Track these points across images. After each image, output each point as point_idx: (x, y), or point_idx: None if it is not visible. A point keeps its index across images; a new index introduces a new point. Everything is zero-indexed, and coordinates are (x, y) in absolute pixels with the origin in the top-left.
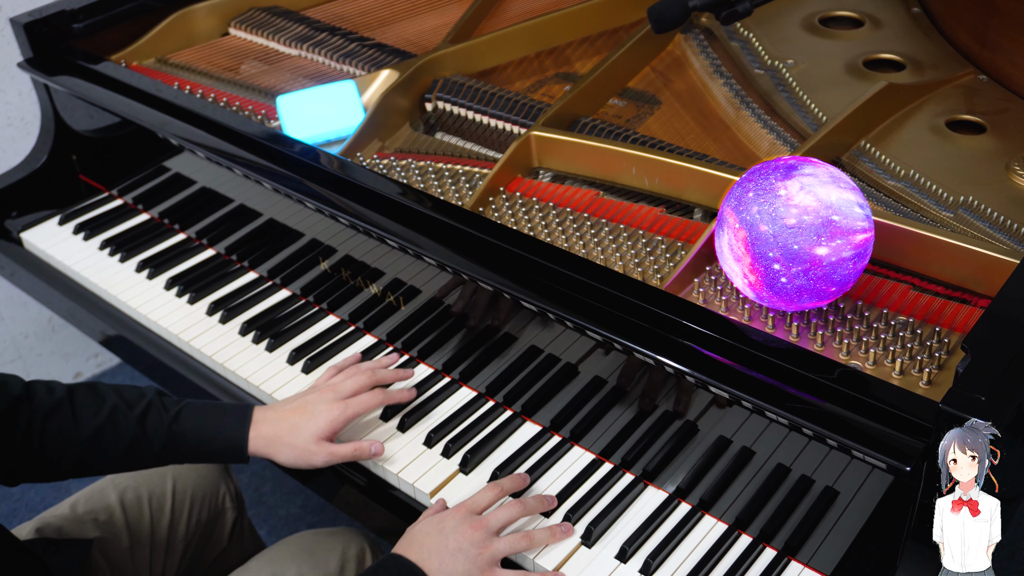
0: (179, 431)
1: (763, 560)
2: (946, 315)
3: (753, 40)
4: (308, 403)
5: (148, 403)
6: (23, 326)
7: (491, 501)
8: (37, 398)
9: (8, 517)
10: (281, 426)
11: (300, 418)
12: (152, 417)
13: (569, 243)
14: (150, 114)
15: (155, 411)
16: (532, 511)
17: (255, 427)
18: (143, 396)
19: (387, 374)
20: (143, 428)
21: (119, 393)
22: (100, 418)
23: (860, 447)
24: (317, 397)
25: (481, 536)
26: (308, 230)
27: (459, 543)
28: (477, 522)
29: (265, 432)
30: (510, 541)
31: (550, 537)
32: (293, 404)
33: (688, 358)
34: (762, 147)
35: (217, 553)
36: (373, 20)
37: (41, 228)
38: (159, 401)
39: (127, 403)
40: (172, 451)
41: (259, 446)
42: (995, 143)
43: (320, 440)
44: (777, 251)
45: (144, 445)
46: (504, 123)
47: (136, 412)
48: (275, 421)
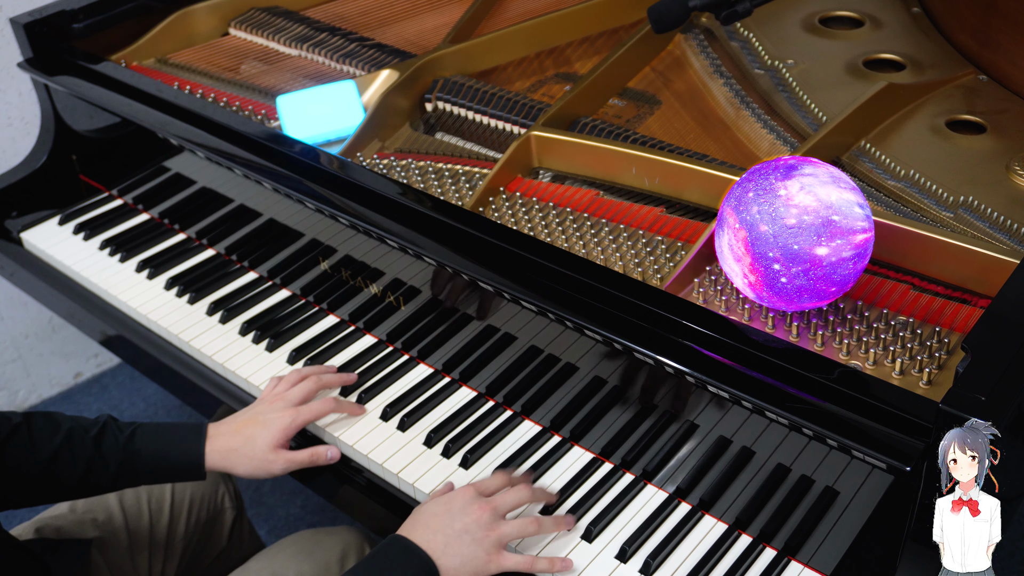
0: (134, 449)
1: (763, 560)
2: (946, 315)
3: (753, 40)
4: (259, 414)
5: (103, 425)
6: (23, 326)
7: (499, 486)
8: None
9: (8, 517)
10: (236, 439)
11: (253, 429)
12: (108, 438)
13: (569, 243)
14: (150, 114)
15: (110, 432)
16: (540, 499)
17: (210, 442)
18: (97, 421)
19: (331, 378)
20: (99, 450)
21: (74, 419)
22: (56, 441)
23: (860, 447)
24: (267, 407)
25: (489, 517)
26: (308, 230)
27: (466, 524)
28: (485, 503)
29: (219, 446)
30: (518, 525)
31: (557, 526)
32: (245, 416)
33: (688, 358)
34: (762, 147)
35: (216, 553)
36: (373, 20)
37: (41, 228)
38: (113, 424)
39: (82, 427)
40: (128, 471)
41: (215, 460)
42: (995, 143)
43: (276, 448)
44: (777, 251)
45: (100, 466)
46: (504, 123)
47: (91, 434)
48: (229, 434)
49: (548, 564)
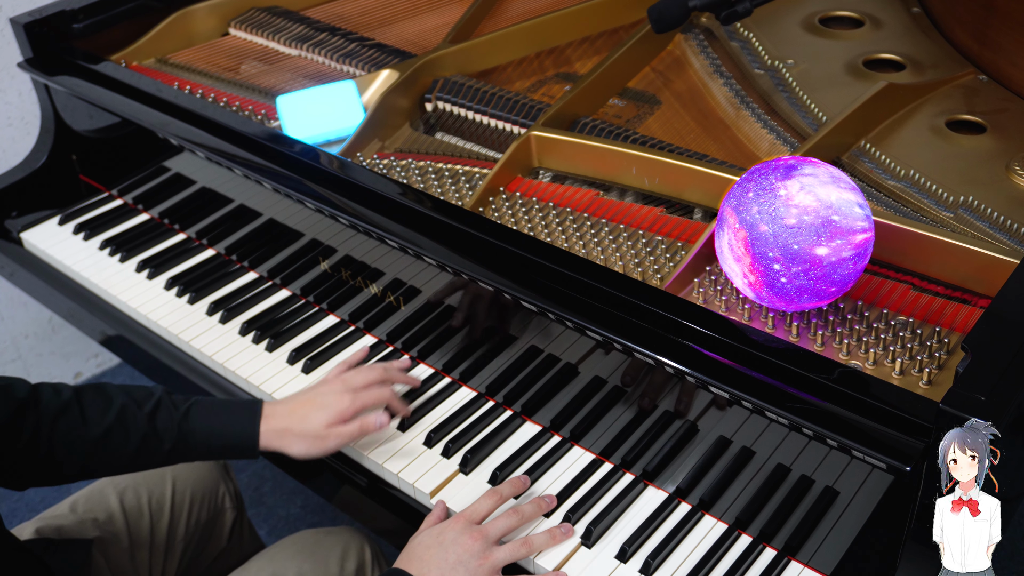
0: (189, 428)
1: (763, 560)
2: (946, 315)
3: (753, 40)
4: (318, 395)
5: (157, 401)
6: (23, 326)
7: (490, 509)
8: (44, 400)
9: (8, 517)
10: (291, 419)
11: (309, 409)
12: (162, 415)
13: (569, 243)
14: (150, 114)
15: (165, 409)
16: (530, 517)
17: (265, 421)
18: (151, 395)
19: (398, 374)
20: (153, 426)
21: (127, 393)
22: (109, 418)
23: (860, 447)
24: (327, 388)
25: (480, 546)
26: (308, 230)
27: (459, 555)
28: (476, 532)
29: (275, 425)
30: (510, 549)
31: (549, 541)
32: (303, 397)
33: (688, 358)
34: (762, 147)
35: (217, 553)
36: (373, 20)
37: (41, 228)
38: (168, 399)
39: (136, 402)
40: (182, 449)
41: (270, 440)
42: (995, 143)
43: (328, 427)
44: (777, 251)
45: (154, 444)
46: (504, 123)
47: (146, 410)
48: (285, 415)
49: None
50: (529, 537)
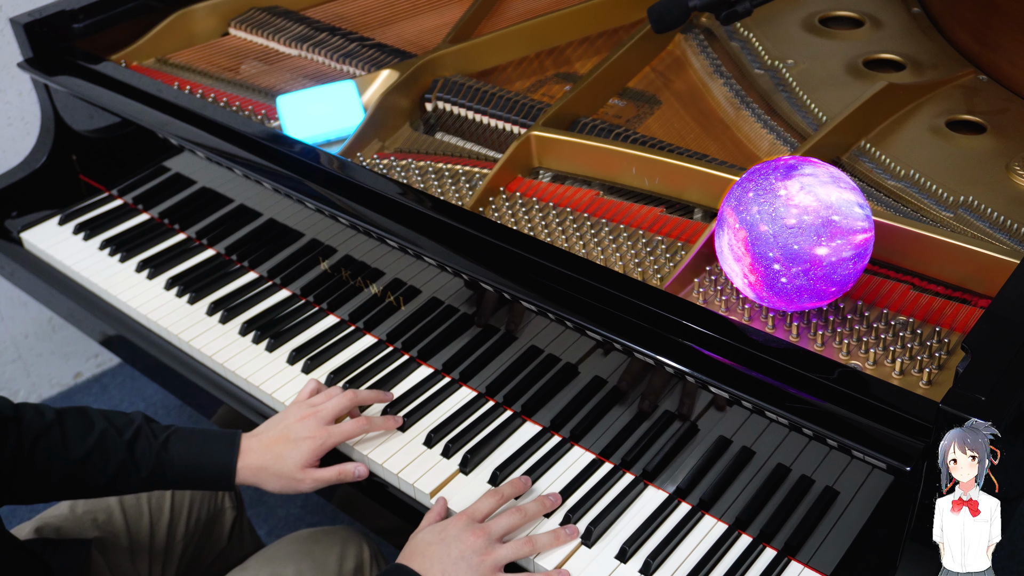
0: (167, 458)
1: (763, 560)
2: (946, 315)
3: (753, 40)
4: (290, 430)
5: (137, 429)
6: (23, 326)
7: (492, 508)
8: (26, 420)
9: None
10: (266, 456)
11: (284, 447)
12: (141, 443)
13: (569, 243)
14: (150, 114)
15: (144, 437)
16: (533, 516)
17: (243, 456)
18: (132, 421)
19: (367, 395)
20: (131, 454)
21: (108, 418)
22: (89, 442)
23: (860, 447)
24: (300, 425)
25: (483, 543)
26: (308, 230)
27: (461, 551)
28: (479, 529)
29: (251, 463)
30: (513, 547)
31: (554, 541)
32: (276, 432)
33: (688, 358)
34: (762, 147)
35: (216, 553)
36: (373, 20)
37: (41, 228)
38: (148, 427)
39: (116, 428)
40: (158, 477)
41: (245, 476)
42: (995, 143)
43: (304, 468)
44: (777, 251)
45: (131, 471)
46: (504, 123)
47: (125, 437)
48: (260, 451)
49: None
50: (533, 536)
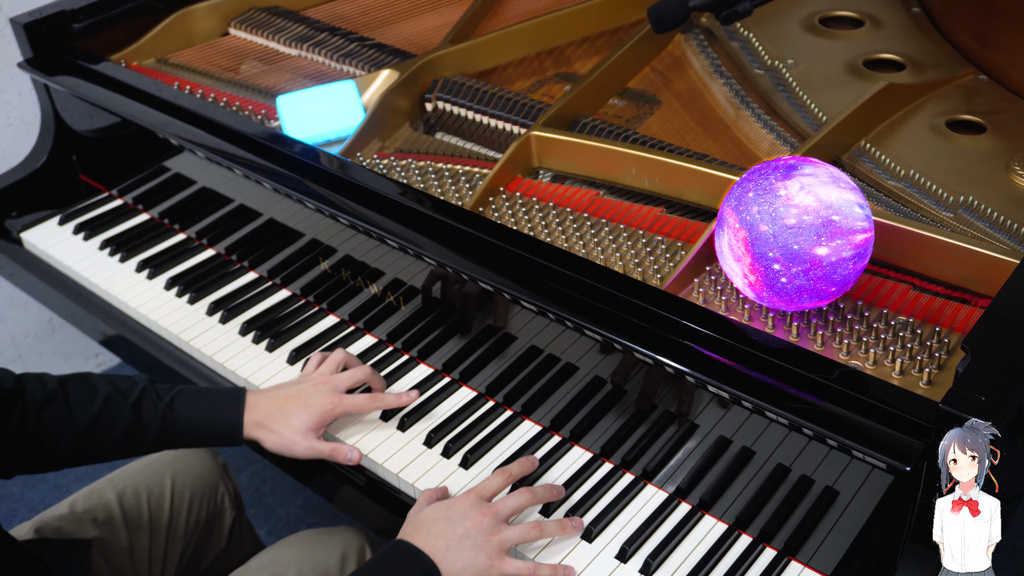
0: (174, 417)
1: (763, 560)
2: (946, 315)
3: (753, 40)
4: (303, 392)
5: (141, 391)
6: (23, 326)
7: (500, 487)
8: (29, 390)
9: (8, 517)
10: (274, 412)
11: (293, 406)
12: (147, 405)
13: (569, 243)
14: (150, 114)
15: (149, 399)
16: (542, 500)
17: (248, 411)
18: (135, 384)
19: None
20: (138, 416)
21: (111, 383)
22: (94, 408)
23: (860, 447)
24: (313, 390)
25: (490, 523)
26: (308, 230)
27: (467, 529)
28: (486, 508)
29: (257, 417)
30: (520, 530)
31: (560, 529)
32: (288, 391)
33: (688, 358)
34: (762, 147)
35: (216, 553)
36: (373, 20)
37: (41, 228)
38: (152, 389)
39: (120, 392)
40: (167, 437)
41: (249, 429)
42: (995, 143)
43: (307, 432)
44: (777, 251)
45: (140, 433)
46: (504, 123)
47: (130, 400)
48: (267, 406)
49: (551, 571)
50: (541, 521)
